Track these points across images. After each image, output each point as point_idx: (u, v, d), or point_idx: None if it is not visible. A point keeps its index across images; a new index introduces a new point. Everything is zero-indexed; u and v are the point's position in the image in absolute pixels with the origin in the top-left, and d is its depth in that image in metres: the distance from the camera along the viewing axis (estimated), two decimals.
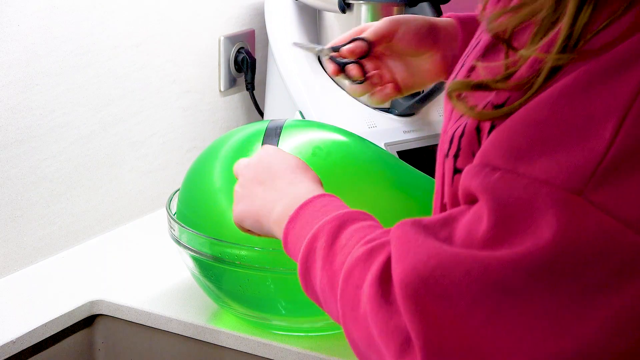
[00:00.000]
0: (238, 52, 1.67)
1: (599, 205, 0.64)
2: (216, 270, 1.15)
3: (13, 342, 1.17)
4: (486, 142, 0.70)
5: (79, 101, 1.40)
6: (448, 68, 1.15)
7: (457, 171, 0.76)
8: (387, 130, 1.50)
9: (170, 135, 1.58)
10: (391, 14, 1.51)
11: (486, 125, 0.72)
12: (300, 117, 1.52)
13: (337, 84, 1.56)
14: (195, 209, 1.17)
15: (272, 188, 0.92)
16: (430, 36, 1.15)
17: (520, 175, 0.67)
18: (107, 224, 1.48)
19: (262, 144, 1.15)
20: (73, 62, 1.38)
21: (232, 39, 1.66)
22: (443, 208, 0.79)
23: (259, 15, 1.70)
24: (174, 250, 1.21)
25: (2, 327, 1.19)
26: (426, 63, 1.16)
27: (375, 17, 1.51)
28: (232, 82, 1.68)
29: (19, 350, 1.18)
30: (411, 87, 1.18)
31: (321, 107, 1.52)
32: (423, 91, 1.52)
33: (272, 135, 1.16)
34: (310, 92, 1.54)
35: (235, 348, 1.18)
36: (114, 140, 1.47)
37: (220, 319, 1.21)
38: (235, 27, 1.67)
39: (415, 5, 1.46)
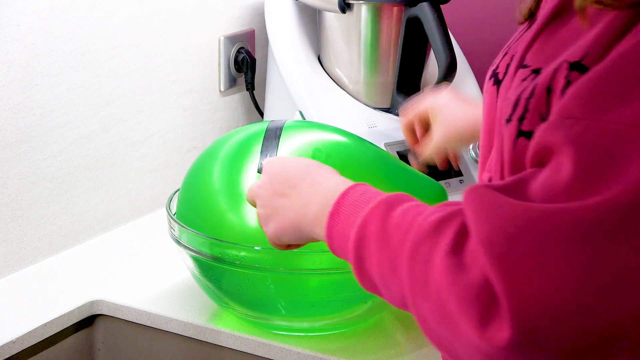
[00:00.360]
0: (238, 52, 1.67)
1: None
2: (216, 270, 1.15)
3: (13, 342, 1.17)
4: (566, 97, 0.70)
5: (79, 101, 1.40)
6: None
7: (521, 134, 0.75)
8: (387, 130, 1.50)
9: (170, 135, 1.58)
10: (391, 14, 1.50)
11: (559, 85, 0.72)
12: (300, 117, 1.52)
13: (337, 84, 1.57)
14: (195, 209, 1.17)
15: (298, 195, 0.91)
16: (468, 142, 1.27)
17: (607, 123, 0.67)
18: (107, 224, 1.48)
19: (262, 145, 1.15)
20: (73, 62, 1.38)
21: (232, 39, 1.66)
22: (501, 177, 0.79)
23: (259, 15, 1.70)
24: (174, 250, 1.21)
25: (2, 327, 1.19)
26: None
27: (375, 17, 1.51)
28: (232, 82, 1.68)
29: (19, 350, 1.18)
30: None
31: (321, 107, 1.52)
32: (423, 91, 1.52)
33: (272, 136, 1.16)
34: (310, 92, 1.54)
35: (235, 348, 1.18)
36: (114, 140, 1.47)
37: (220, 319, 1.21)
38: (235, 27, 1.67)
39: (415, 5, 1.46)
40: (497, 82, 0.83)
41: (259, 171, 1.13)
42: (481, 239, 0.68)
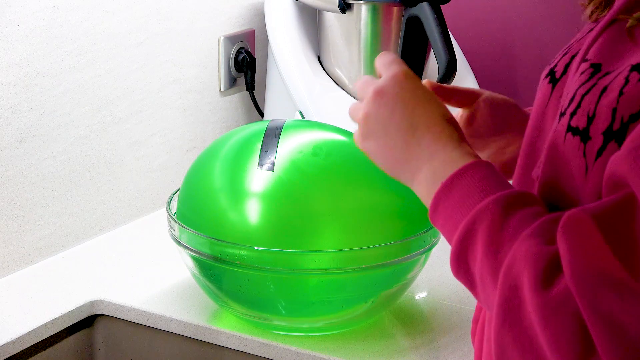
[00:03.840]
0: (238, 52, 1.67)
1: None
2: (216, 270, 1.15)
3: (13, 342, 1.17)
4: None
5: (79, 101, 1.40)
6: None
7: (569, 129, 0.75)
8: None
9: (170, 135, 1.58)
10: (391, 14, 1.51)
11: (616, 84, 0.72)
12: (300, 117, 1.52)
13: (337, 84, 1.57)
14: (195, 209, 1.17)
15: (417, 142, 0.84)
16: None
17: None
18: (107, 224, 1.48)
19: (261, 144, 1.15)
20: (73, 62, 1.38)
21: (232, 39, 1.66)
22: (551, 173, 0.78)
23: (259, 15, 1.70)
24: (174, 250, 1.21)
25: (2, 327, 1.19)
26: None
27: (375, 17, 1.51)
28: (232, 82, 1.68)
29: (19, 350, 1.18)
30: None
31: (321, 107, 1.52)
32: None
33: (272, 135, 1.16)
34: (310, 92, 1.54)
35: (235, 348, 1.18)
36: (114, 140, 1.47)
37: (220, 319, 1.21)
38: (235, 27, 1.67)
39: (414, 5, 1.46)
40: (553, 81, 0.82)
41: (260, 165, 1.13)
42: (573, 278, 0.67)
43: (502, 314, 0.72)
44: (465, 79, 1.60)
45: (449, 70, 1.43)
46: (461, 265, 0.78)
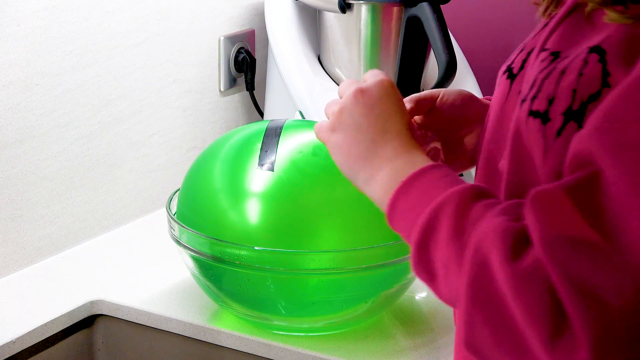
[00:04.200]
0: (238, 52, 1.67)
1: None
2: (216, 270, 1.15)
3: (13, 342, 1.17)
4: (608, 102, 0.70)
5: (79, 101, 1.40)
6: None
7: (530, 113, 0.77)
8: None
9: (170, 135, 1.58)
10: (391, 14, 1.51)
11: (575, 66, 0.73)
12: (300, 117, 1.52)
13: (337, 84, 1.57)
14: (195, 209, 1.17)
15: (384, 143, 0.86)
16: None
17: None
18: (107, 224, 1.48)
19: (261, 144, 1.15)
20: (73, 62, 1.38)
21: (232, 39, 1.66)
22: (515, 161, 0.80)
23: (259, 15, 1.70)
24: (174, 250, 1.21)
25: (2, 327, 1.19)
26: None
27: (375, 17, 1.51)
28: (232, 82, 1.68)
29: (19, 350, 1.18)
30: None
31: (321, 107, 1.52)
32: (423, 90, 1.52)
33: (272, 135, 1.16)
34: (310, 92, 1.54)
35: (235, 348, 1.18)
36: (114, 140, 1.47)
37: (220, 319, 1.21)
38: (235, 27, 1.67)
39: (414, 5, 1.46)
40: (511, 77, 0.84)
41: (260, 166, 1.13)
42: (543, 246, 0.68)
43: (471, 294, 0.72)
44: (465, 79, 1.60)
45: (449, 70, 1.43)
46: (422, 257, 0.78)
